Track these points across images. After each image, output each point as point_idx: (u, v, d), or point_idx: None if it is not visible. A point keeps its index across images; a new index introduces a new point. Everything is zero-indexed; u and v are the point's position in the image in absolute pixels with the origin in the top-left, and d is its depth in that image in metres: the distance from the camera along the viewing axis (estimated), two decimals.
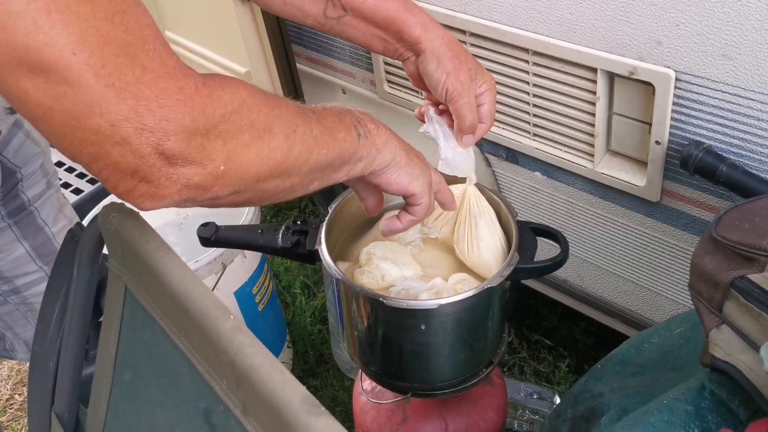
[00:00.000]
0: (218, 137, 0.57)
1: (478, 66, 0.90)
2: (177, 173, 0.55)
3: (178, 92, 0.54)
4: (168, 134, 0.53)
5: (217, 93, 0.57)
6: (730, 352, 0.67)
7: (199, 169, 0.56)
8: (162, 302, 0.65)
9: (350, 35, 0.91)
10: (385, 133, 0.77)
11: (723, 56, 0.98)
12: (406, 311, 0.87)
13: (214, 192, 0.59)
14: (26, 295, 1.30)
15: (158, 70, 0.53)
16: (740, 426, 0.68)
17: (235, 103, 0.58)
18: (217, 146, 0.57)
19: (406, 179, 0.80)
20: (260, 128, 0.61)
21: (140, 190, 0.56)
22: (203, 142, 0.56)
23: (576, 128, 1.24)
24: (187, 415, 0.63)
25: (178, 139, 0.54)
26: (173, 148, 0.54)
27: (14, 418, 2.12)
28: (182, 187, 0.56)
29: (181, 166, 0.55)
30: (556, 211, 1.41)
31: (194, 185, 0.57)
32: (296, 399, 0.48)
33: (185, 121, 0.54)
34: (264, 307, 1.79)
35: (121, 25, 0.51)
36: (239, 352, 0.53)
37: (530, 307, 2.01)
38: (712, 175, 1.04)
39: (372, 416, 1.16)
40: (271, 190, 0.65)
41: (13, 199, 1.21)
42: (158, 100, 0.52)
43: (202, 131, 0.55)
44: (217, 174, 0.58)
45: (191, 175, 0.56)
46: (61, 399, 0.85)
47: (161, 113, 0.52)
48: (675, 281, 1.30)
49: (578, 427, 0.93)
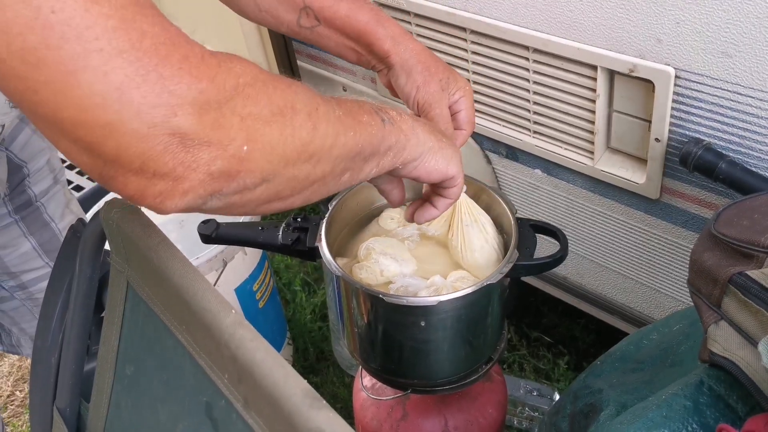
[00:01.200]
0: (234, 113, 0.49)
1: (451, 74, 0.88)
2: (195, 159, 0.47)
3: (181, 60, 0.46)
4: (174, 109, 0.45)
5: (227, 64, 0.50)
6: (729, 348, 0.68)
7: (220, 151, 0.49)
8: (164, 297, 0.65)
9: (324, 45, 0.90)
10: (408, 119, 0.71)
11: (722, 54, 0.98)
12: (406, 308, 0.87)
13: (240, 179, 0.51)
14: (33, 290, 1.31)
15: (159, 35, 0.46)
16: (738, 421, 0.68)
17: (248, 76, 0.52)
18: (234, 122, 0.49)
19: (443, 163, 0.75)
20: (280, 104, 0.54)
21: (155, 187, 0.48)
22: (218, 117, 0.48)
23: (576, 126, 1.24)
24: (188, 409, 0.64)
25: (187, 114, 0.46)
26: (183, 125, 0.46)
27: (15, 414, 2.12)
28: (205, 177, 0.49)
29: (198, 149, 0.47)
30: (555, 208, 1.42)
31: (218, 172, 0.49)
32: (298, 393, 0.49)
33: (192, 93, 0.46)
34: (264, 304, 1.79)
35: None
36: (241, 346, 0.54)
37: (530, 305, 2.02)
38: (712, 172, 1.05)
39: (372, 412, 1.16)
40: (302, 178, 0.57)
41: (19, 195, 1.21)
42: (158, 69, 0.45)
43: (215, 105, 0.48)
44: (240, 156, 0.50)
45: (212, 159, 0.48)
46: (62, 394, 0.86)
47: (162, 84, 0.45)
48: (674, 278, 1.30)
49: (577, 423, 0.93)
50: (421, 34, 1.38)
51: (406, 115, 0.72)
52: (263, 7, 0.88)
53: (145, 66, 0.44)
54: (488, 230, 0.95)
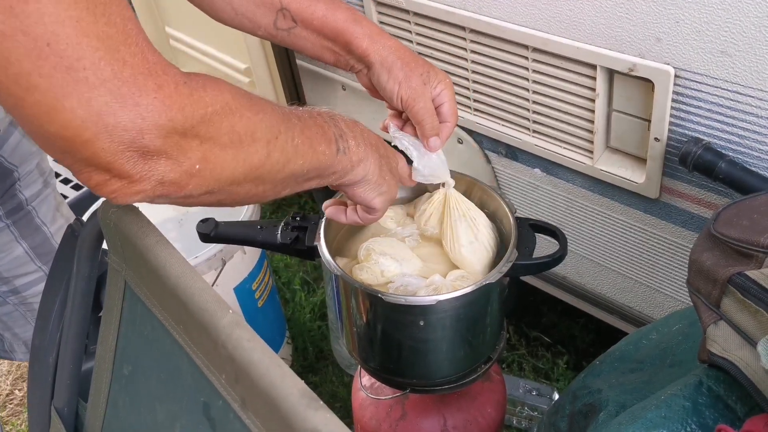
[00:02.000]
0: (195, 136, 0.56)
1: (431, 68, 0.89)
2: (151, 169, 0.54)
3: (156, 90, 0.52)
4: (143, 132, 0.52)
5: (199, 93, 0.56)
6: (728, 348, 0.67)
7: (175, 166, 0.55)
8: (161, 297, 0.65)
9: (301, 47, 0.91)
10: (363, 149, 0.77)
11: (722, 53, 0.98)
12: (405, 307, 0.87)
13: (188, 190, 0.58)
14: (26, 295, 1.30)
15: (138, 66, 0.51)
16: (737, 422, 0.68)
17: (217, 105, 0.57)
18: (193, 145, 0.56)
19: (371, 195, 0.81)
20: (241, 132, 0.60)
21: (113, 184, 0.54)
22: (180, 140, 0.55)
23: (575, 125, 1.24)
24: (186, 409, 0.63)
25: (153, 137, 0.53)
26: (148, 145, 0.53)
27: (14, 413, 2.12)
28: (156, 184, 0.56)
29: (156, 161, 0.54)
30: (555, 207, 1.41)
31: (169, 182, 0.56)
32: (295, 393, 0.49)
33: (162, 120, 0.53)
34: (263, 303, 1.79)
35: (103, 17, 0.49)
36: (238, 346, 0.54)
37: (529, 304, 2.02)
38: (711, 171, 1.05)
39: (371, 412, 1.16)
40: (243, 194, 0.64)
41: (10, 199, 1.20)
42: (134, 97, 0.51)
43: (180, 130, 0.54)
44: (192, 172, 0.57)
45: (166, 171, 0.55)
46: (60, 393, 0.85)
47: (136, 111, 0.51)
48: (673, 278, 1.30)
49: (577, 422, 0.93)
50: (420, 33, 1.38)
51: (364, 143, 0.78)
52: (240, 10, 0.89)
53: (124, 95, 0.50)
54: (479, 227, 0.95)
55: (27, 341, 1.36)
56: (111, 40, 0.50)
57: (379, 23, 1.44)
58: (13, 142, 1.17)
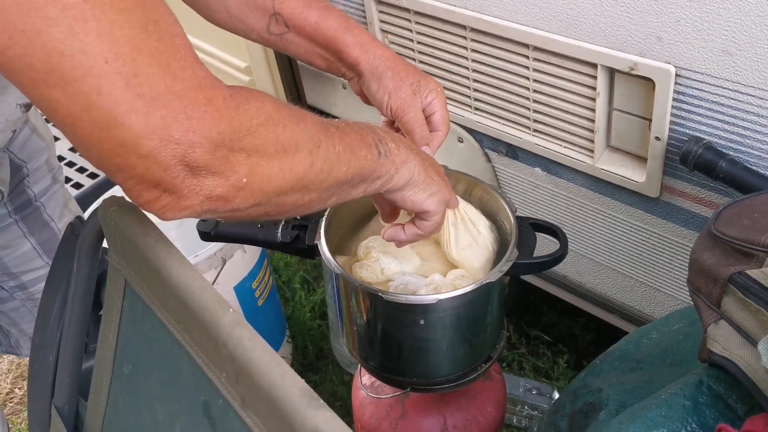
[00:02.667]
0: (242, 150, 0.56)
1: (422, 77, 0.90)
2: (200, 184, 0.55)
3: (206, 104, 0.53)
4: (194, 146, 0.52)
5: (244, 106, 0.57)
6: (728, 348, 0.67)
7: (222, 180, 0.56)
8: (161, 296, 0.65)
9: (294, 52, 0.91)
10: (405, 151, 0.77)
11: (723, 52, 0.98)
12: (405, 306, 0.87)
13: (235, 204, 0.58)
14: (33, 291, 1.30)
15: (189, 80, 0.52)
16: (738, 421, 0.68)
17: (261, 117, 0.58)
18: (240, 158, 0.56)
19: (422, 196, 0.80)
20: (285, 143, 0.60)
21: (163, 200, 0.55)
22: (227, 153, 0.55)
23: (576, 124, 1.24)
24: (186, 408, 0.63)
25: (204, 151, 0.53)
26: (198, 160, 0.53)
27: (14, 411, 2.12)
28: (205, 199, 0.56)
29: (204, 177, 0.55)
30: (555, 206, 1.41)
31: (217, 197, 0.56)
32: (295, 392, 0.49)
33: (212, 134, 0.53)
34: (264, 302, 1.79)
35: (155, 34, 0.51)
36: (238, 345, 0.54)
37: (530, 303, 2.02)
38: (712, 171, 1.05)
39: (371, 411, 1.16)
40: (290, 204, 0.64)
41: (19, 195, 1.21)
42: (186, 111, 0.52)
43: (228, 143, 0.55)
44: (239, 186, 0.57)
45: (214, 186, 0.56)
46: (61, 392, 0.85)
47: (188, 125, 0.52)
48: (674, 277, 1.30)
49: (577, 422, 0.93)
50: (420, 32, 1.38)
51: (405, 146, 0.78)
52: (234, 13, 0.89)
53: (176, 109, 0.51)
54: (479, 228, 0.95)
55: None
56: (162, 56, 0.51)
57: (379, 22, 1.44)
58: (22, 138, 1.17)
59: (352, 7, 1.49)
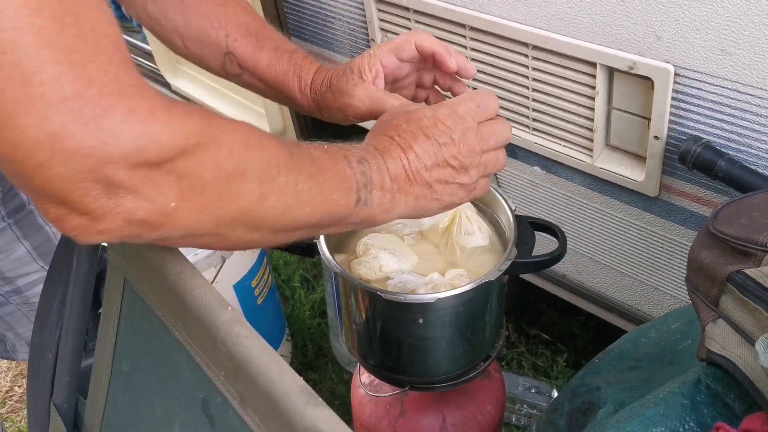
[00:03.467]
0: (172, 172, 0.49)
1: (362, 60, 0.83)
2: (117, 205, 0.48)
3: (126, 113, 0.46)
4: (104, 161, 0.45)
5: (179, 122, 0.49)
6: (726, 347, 0.67)
7: (145, 203, 0.49)
8: (160, 294, 0.65)
9: (258, 91, 0.87)
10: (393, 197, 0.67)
11: (722, 51, 0.98)
12: (404, 305, 0.87)
13: (163, 231, 0.51)
14: (28, 295, 1.30)
15: (108, 85, 0.45)
16: (735, 420, 0.68)
17: (202, 138, 0.51)
18: (169, 180, 0.49)
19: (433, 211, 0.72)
20: (228, 169, 0.53)
21: (72, 221, 0.48)
22: (151, 173, 0.48)
23: (575, 123, 1.24)
24: (185, 405, 0.64)
25: (117, 168, 0.46)
26: (111, 177, 0.46)
27: (14, 409, 2.12)
28: (124, 222, 0.49)
29: (122, 197, 0.48)
30: (554, 205, 1.41)
31: (139, 221, 0.49)
32: (294, 390, 0.49)
33: (128, 149, 0.46)
34: (263, 301, 1.79)
35: (72, 29, 0.44)
36: (237, 343, 0.54)
37: (529, 302, 2.02)
38: (711, 170, 1.05)
39: (370, 409, 1.16)
40: (234, 239, 0.57)
41: (12, 199, 1.20)
42: (98, 120, 0.44)
43: (152, 162, 0.48)
44: (166, 211, 0.50)
45: (134, 209, 0.48)
46: (60, 390, 0.86)
47: (98, 136, 0.45)
48: (673, 276, 1.30)
49: (575, 420, 0.93)
50: None
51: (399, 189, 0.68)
52: (191, 48, 0.86)
53: (85, 116, 0.44)
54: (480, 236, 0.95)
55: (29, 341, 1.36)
56: (78, 54, 0.44)
57: (379, 21, 1.44)
58: None
59: (352, 7, 1.49)
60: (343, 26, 1.56)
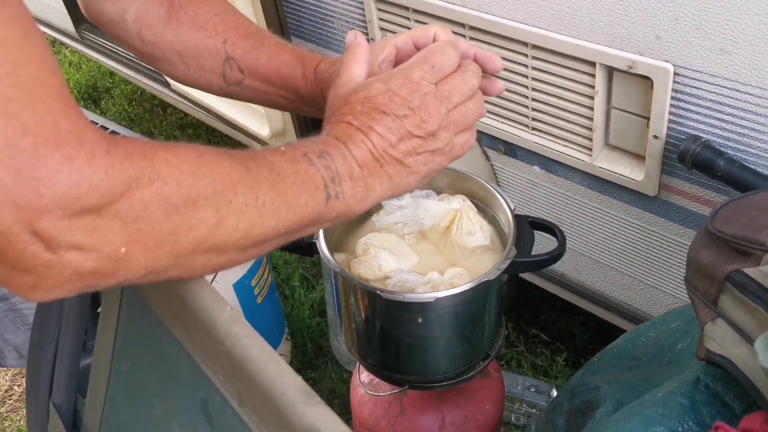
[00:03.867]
0: (116, 216, 0.47)
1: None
2: (61, 260, 0.45)
3: (62, 162, 0.44)
4: (40, 212, 0.43)
5: (120, 166, 0.47)
6: (725, 346, 0.67)
7: (92, 254, 0.46)
8: (159, 293, 0.65)
9: (258, 99, 0.86)
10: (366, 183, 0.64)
11: (721, 50, 0.98)
12: (403, 304, 0.87)
13: (120, 276, 0.49)
14: (14, 301, 1.30)
15: (44, 134, 0.43)
16: (734, 419, 0.68)
17: (145, 178, 0.48)
18: (115, 226, 0.47)
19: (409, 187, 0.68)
20: (178, 202, 0.50)
21: (17, 280, 0.46)
22: (93, 221, 0.46)
23: (574, 122, 1.24)
24: (184, 405, 0.64)
25: (54, 219, 0.44)
26: (48, 229, 0.44)
27: (13, 408, 2.12)
28: (74, 276, 0.46)
29: (66, 250, 0.45)
30: (554, 205, 1.42)
31: (89, 273, 0.47)
32: (292, 389, 0.49)
33: (64, 199, 0.44)
34: (263, 300, 1.79)
35: (8, 78, 0.42)
36: (236, 343, 0.54)
37: (528, 301, 2.02)
38: (710, 169, 1.05)
39: (369, 408, 1.16)
40: (201, 266, 0.55)
41: None
42: (31, 171, 0.42)
43: (92, 210, 0.45)
44: (117, 258, 0.48)
45: (81, 261, 0.46)
46: (59, 390, 0.86)
47: (33, 186, 0.42)
48: (672, 275, 1.30)
49: (574, 419, 0.93)
50: None
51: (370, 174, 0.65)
52: (191, 65, 0.85)
53: (18, 166, 0.42)
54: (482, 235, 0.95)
55: (18, 347, 1.35)
56: (12, 103, 0.42)
57: (378, 20, 1.44)
58: None
59: (351, 6, 1.49)
60: (343, 26, 1.56)
